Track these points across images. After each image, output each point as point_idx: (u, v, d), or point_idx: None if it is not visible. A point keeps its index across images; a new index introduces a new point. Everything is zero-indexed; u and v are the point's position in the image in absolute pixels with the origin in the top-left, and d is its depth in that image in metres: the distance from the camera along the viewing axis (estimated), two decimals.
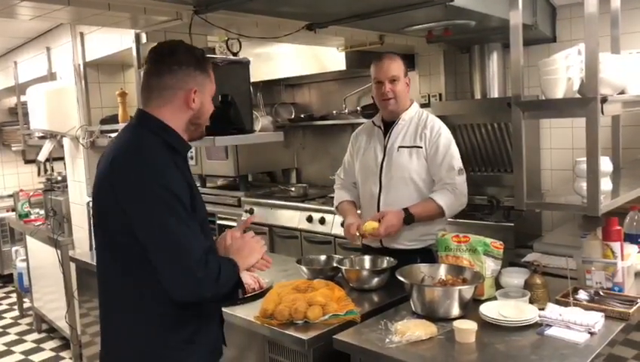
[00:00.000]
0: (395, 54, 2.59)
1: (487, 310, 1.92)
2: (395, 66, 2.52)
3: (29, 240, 4.97)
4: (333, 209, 2.93)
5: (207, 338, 1.72)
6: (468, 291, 1.98)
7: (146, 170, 1.54)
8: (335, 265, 2.52)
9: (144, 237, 1.53)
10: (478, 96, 3.91)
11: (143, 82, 1.71)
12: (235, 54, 2.91)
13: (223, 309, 2.17)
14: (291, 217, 4.42)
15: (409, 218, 2.45)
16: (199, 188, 5.14)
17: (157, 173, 1.53)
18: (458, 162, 2.52)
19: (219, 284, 1.55)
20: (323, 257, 2.68)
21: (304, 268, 2.51)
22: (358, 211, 2.74)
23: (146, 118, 1.67)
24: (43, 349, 4.60)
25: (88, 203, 3.47)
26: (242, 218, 4.55)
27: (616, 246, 2.08)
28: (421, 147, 2.52)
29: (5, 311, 5.71)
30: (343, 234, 2.79)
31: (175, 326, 1.63)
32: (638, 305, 1.91)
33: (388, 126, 2.62)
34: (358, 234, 2.48)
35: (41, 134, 4.54)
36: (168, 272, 1.53)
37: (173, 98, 1.65)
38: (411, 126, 2.57)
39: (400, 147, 2.55)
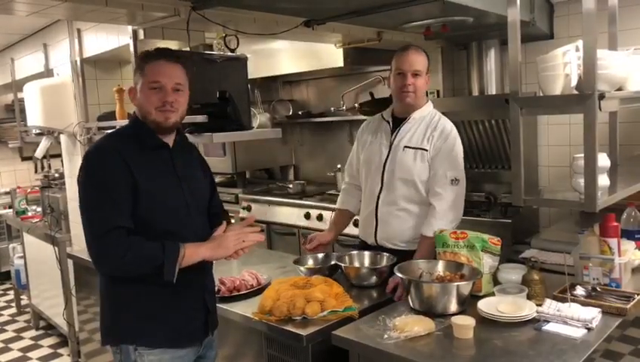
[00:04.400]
0: (421, 48, 2.52)
1: (485, 306, 1.92)
2: (420, 60, 2.47)
3: (27, 237, 4.96)
4: (331, 206, 2.94)
5: (169, 318, 1.85)
6: (466, 287, 1.99)
7: (85, 158, 1.82)
8: (334, 262, 2.52)
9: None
10: (475, 92, 3.91)
11: None
12: (232, 51, 2.92)
13: (222, 305, 2.18)
14: (289, 214, 4.42)
15: None
16: None
17: (90, 160, 1.80)
18: (456, 172, 2.42)
19: (124, 262, 1.72)
20: (321, 255, 2.68)
21: (302, 268, 2.51)
22: (356, 217, 2.78)
23: (133, 117, 1.94)
24: (41, 346, 4.60)
25: None
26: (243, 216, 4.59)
27: (613, 242, 2.08)
28: (427, 150, 2.45)
29: (3, 308, 5.71)
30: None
31: (127, 299, 1.83)
32: (635, 301, 1.92)
33: (397, 122, 2.56)
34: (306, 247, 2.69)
35: (38, 131, 4.52)
36: (86, 243, 1.78)
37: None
38: (421, 126, 2.50)
39: (406, 147, 2.48)
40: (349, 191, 2.82)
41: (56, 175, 4.70)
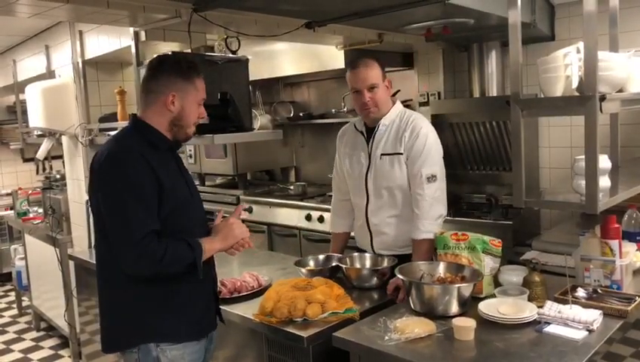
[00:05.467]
0: (370, 59, 2.44)
1: (486, 307, 1.92)
2: (373, 73, 2.39)
3: (28, 238, 4.97)
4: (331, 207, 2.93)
5: (189, 311, 1.88)
6: (467, 289, 1.98)
7: (113, 160, 1.79)
8: (335, 263, 2.52)
9: (104, 216, 1.78)
10: (476, 94, 3.91)
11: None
12: (234, 52, 2.92)
13: (223, 307, 2.18)
14: (290, 216, 4.42)
15: None
16: (198, 186, 5.07)
17: (120, 164, 1.77)
18: (431, 169, 2.37)
19: (162, 264, 1.74)
20: (322, 256, 2.67)
21: (303, 270, 2.50)
22: (352, 233, 2.75)
23: (134, 120, 1.93)
24: (42, 347, 4.60)
25: (87, 201, 3.47)
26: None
27: (614, 244, 2.08)
28: (402, 153, 2.41)
29: (4, 309, 5.71)
30: None
31: (149, 298, 1.82)
32: (636, 303, 1.92)
33: (370, 131, 2.52)
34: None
35: (39, 132, 4.54)
36: (114, 247, 1.78)
37: (156, 101, 1.88)
38: (393, 130, 2.46)
39: (382, 154, 2.45)
40: (338, 213, 2.78)
41: (58, 176, 4.71)
